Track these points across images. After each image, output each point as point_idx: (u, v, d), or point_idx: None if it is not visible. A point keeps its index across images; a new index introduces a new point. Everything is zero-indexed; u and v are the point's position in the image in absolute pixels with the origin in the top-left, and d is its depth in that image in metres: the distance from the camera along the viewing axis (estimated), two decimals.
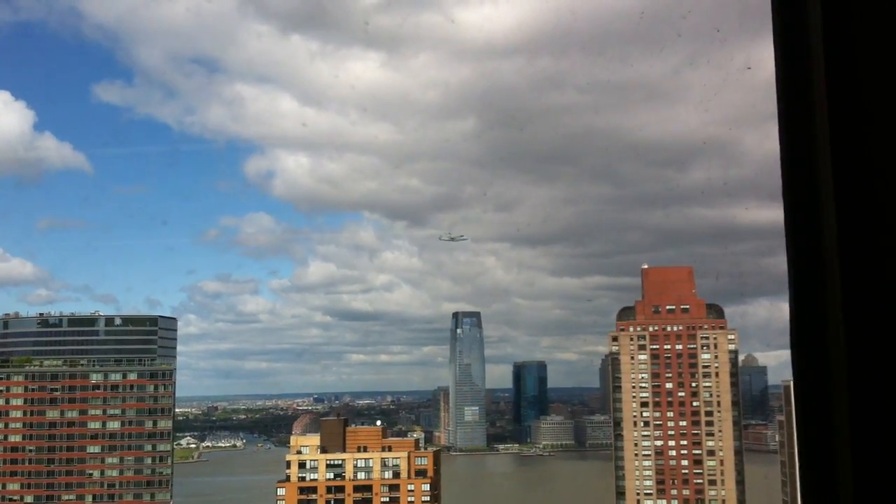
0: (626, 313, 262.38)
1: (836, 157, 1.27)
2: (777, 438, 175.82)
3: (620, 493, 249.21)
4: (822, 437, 1.29)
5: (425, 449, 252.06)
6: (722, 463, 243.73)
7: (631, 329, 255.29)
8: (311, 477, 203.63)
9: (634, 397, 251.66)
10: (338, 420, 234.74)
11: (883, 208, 1.24)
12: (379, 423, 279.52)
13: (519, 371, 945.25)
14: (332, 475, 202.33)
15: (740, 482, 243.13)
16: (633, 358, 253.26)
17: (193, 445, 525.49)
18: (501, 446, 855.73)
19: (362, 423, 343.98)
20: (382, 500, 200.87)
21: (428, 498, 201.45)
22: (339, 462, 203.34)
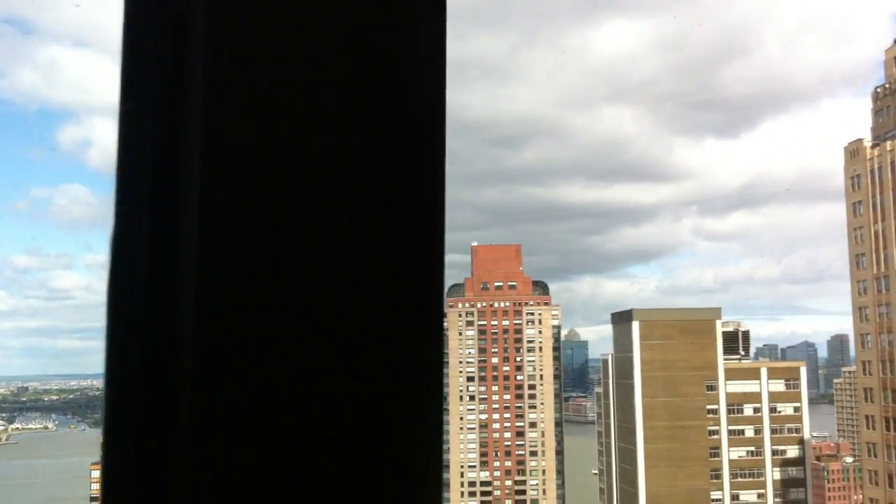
0: (455, 290, 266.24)
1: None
2: (595, 410, 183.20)
3: (445, 466, 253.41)
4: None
5: None
6: (543, 434, 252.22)
7: (459, 306, 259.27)
8: None
9: (461, 372, 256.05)
10: None
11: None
12: None
13: None
14: None
15: (559, 452, 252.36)
16: (460, 334, 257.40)
17: (1, 427, 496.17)
18: None
19: None
20: None
21: None
22: None
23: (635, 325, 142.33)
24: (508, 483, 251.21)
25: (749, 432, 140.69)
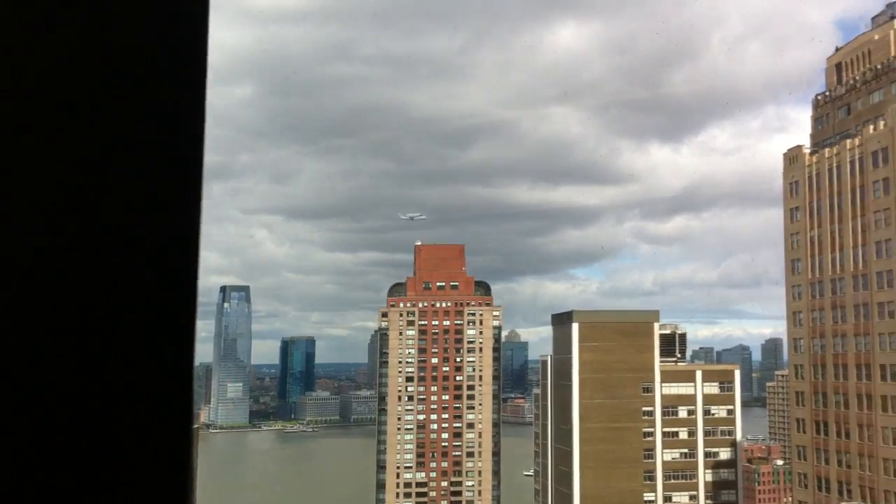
0: (397, 289, 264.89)
1: None
2: (533, 411, 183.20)
3: (381, 467, 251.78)
4: None
5: None
6: (480, 435, 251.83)
7: (401, 305, 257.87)
8: None
9: (401, 372, 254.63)
10: None
11: None
12: None
13: (287, 346, 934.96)
14: None
15: (496, 453, 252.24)
16: (401, 333, 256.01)
17: None
18: (264, 423, 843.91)
19: None
20: None
21: None
22: None
23: (575, 327, 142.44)
24: (444, 484, 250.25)
25: (683, 434, 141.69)
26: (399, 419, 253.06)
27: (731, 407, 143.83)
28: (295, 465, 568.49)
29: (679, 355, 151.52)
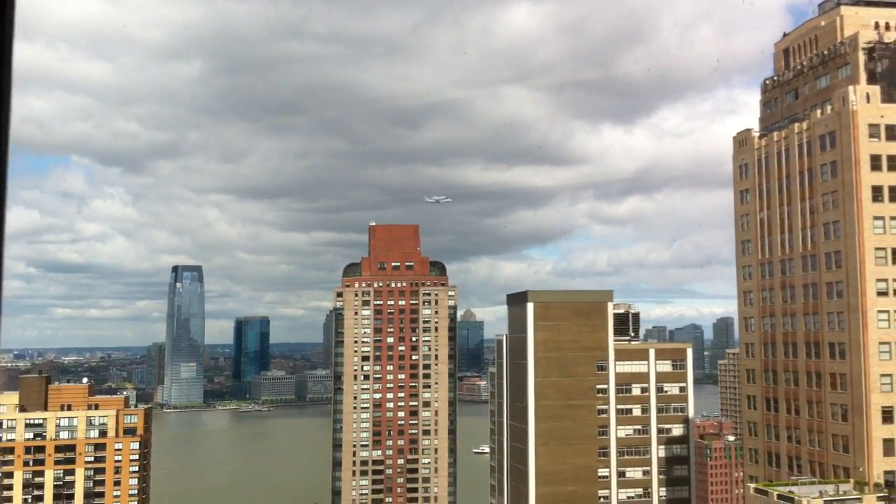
0: (351, 269, 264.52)
1: None
2: (489, 389, 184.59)
3: (338, 446, 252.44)
4: None
5: (136, 406, 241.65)
6: (436, 414, 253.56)
7: (356, 285, 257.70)
8: (9, 437, 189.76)
9: (356, 352, 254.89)
10: (39, 377, 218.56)
11: None
12: (86, 380, 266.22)
13: (241, 326, 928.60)
14: (31, 435, 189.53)
15: (452, 431, 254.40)
16: (356, 313, 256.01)
17: None
18: (219, 403, 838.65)
19: (68, 381, 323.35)
20: (87, 459, 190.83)
21: (137, 456, 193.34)
22: (40, 421, 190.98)
23: (530, 307, 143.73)
24: (401, 462, 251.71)
25: (637, 411, 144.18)
26: (355, 398, 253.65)
27: (683, 384, 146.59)
28: (250, 444, 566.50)
29: (632, 334, 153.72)
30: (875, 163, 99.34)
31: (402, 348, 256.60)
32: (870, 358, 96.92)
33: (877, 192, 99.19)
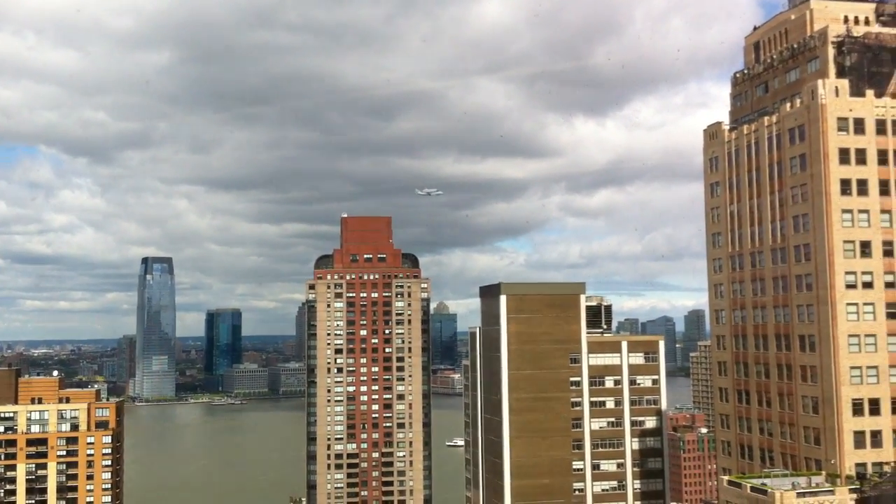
0: (324, 261, 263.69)
1: None
2: (463, 382, 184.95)
3: (312, 439, 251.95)
4: None
5: (108, 400, 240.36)
6: (411, 406, 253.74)
7: (329, 277, 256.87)
8: None
9: (329, 344, 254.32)
10: (9, 370, 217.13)
11: None
12: (56, 373, 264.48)
13: (212, 319, 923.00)
14: (1, 429, 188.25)
15: (427, 424, 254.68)
16: (329, 306, 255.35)
17: None
18: (192, 396, 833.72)
19: (38, 374, 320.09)
20: (59, 453, 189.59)
21: (109, 450, 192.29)
22: (11, 414, 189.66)
23: (503, 299, 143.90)
24: (375, 455, 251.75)
25: (610, 404, 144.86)
26: (329, 391, 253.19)
27: (656, 377, 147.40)
28: (224, 437, 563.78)
29: (605, 326, 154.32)
30: (843, 156, 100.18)
31: (376, 341, 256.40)
32: (839, 350, 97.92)
33: (845, 186, 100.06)
